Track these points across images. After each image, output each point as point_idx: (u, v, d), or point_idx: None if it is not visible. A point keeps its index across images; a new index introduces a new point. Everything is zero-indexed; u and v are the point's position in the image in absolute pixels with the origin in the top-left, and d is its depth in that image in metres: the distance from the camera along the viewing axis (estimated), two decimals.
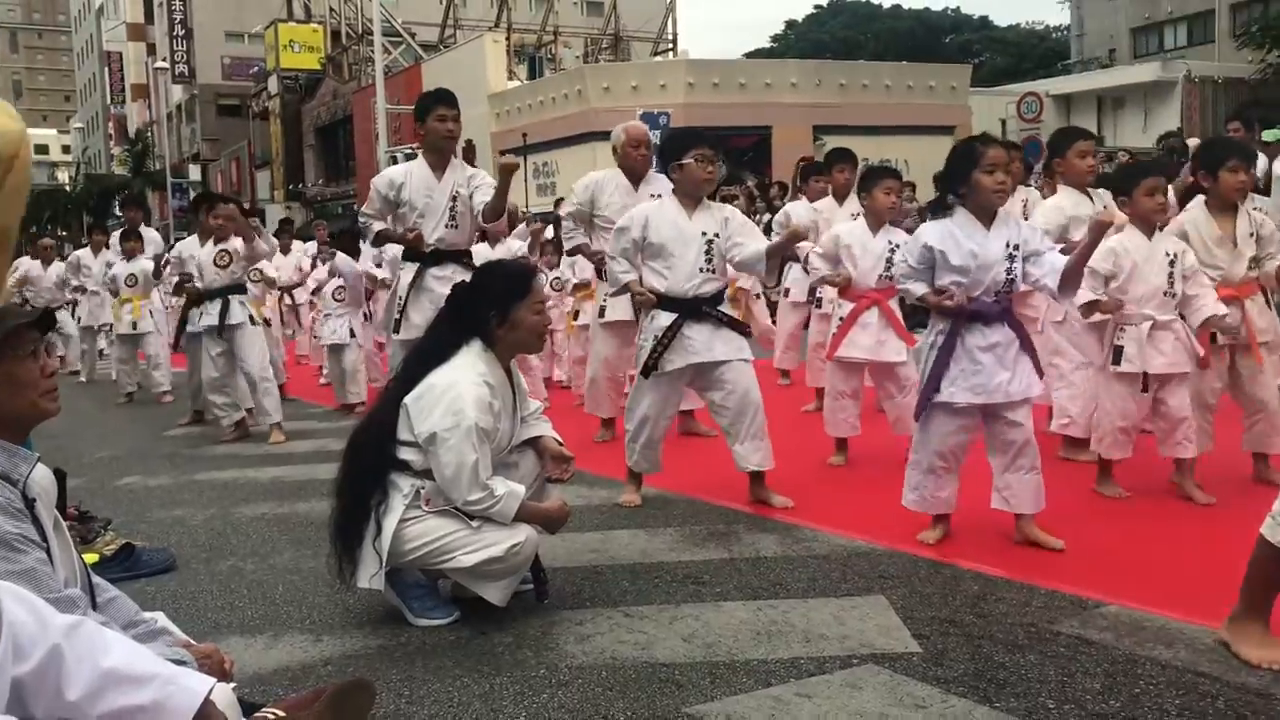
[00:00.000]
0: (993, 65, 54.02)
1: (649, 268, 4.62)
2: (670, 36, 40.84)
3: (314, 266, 11.59)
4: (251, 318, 7.24)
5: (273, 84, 43.69)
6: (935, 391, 3.83)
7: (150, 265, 9.62)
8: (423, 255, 5.53)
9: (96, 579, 2.50)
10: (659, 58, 37.87)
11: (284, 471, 6.08)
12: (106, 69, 68.96)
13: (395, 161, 24.72)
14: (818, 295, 7.09)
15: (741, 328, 4.74)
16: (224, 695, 2.24)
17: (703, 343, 4.52)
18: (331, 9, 42.54)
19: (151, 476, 6.12)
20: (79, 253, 12.05)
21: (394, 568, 3.27)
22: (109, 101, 68.49)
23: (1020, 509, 3.89)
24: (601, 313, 6.25)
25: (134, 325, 9.53)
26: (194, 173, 53.12)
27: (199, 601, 3.70)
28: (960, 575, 3.63)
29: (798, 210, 7.73)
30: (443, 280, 5.21)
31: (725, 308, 4.72)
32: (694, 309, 4.53)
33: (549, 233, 9.72)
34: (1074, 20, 45.96)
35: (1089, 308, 4.43)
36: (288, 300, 11.89)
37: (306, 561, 4.08)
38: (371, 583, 3.27)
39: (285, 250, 12.12)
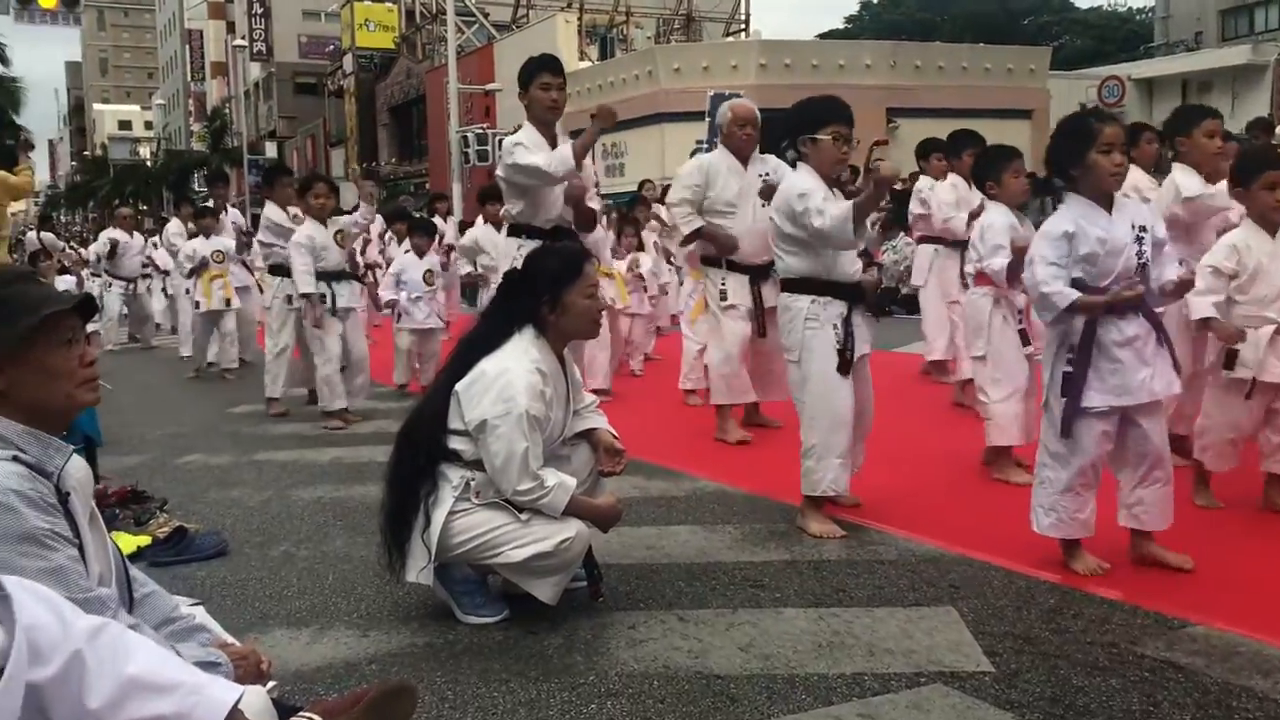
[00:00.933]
0: (1073, 48, 52.63)
1: (809, 251, 4.16)
2: (742, 17, 40.35)
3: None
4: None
5: (348, 63, 44.00)
6: (1079, 399, 3.41)
7: (231, 242, 9.68)
8: (543, 232, 5.33)
9: (134, 572, 2.43)
10: (730, 38, 37.46)
11: (343, 453, 6.04)
12: (187, 47, 70.14)
13: (466, 142, 24.80)
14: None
15: None
16: (256, 700, 2.16)
17: (864, 332, 4.18)
18: None
19: (213, 455, 6.11)
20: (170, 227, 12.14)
21: (443, 562, 3.18)
22: (189, 79, 69.65)
23: (1152, 526, 3.55)
24: (723, 296, 5.86)
25: (226, 302, 9.55)
26: (270, 150, 53.78)
27: (247, 589, 3.64)
28: (1035, 586, 3.43)
29: (940, 190, 7.06)
30: None
31: None
32: (858, 295, 4.19)
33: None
34: (1159, 2, 44.57)
35: (1203, 324, 4.10)
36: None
37: (359, 549, 4.01)
38: (420, 577, 3.18)
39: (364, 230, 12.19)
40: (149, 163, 67.23)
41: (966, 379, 6.22)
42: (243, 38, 52.43)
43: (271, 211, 7.68)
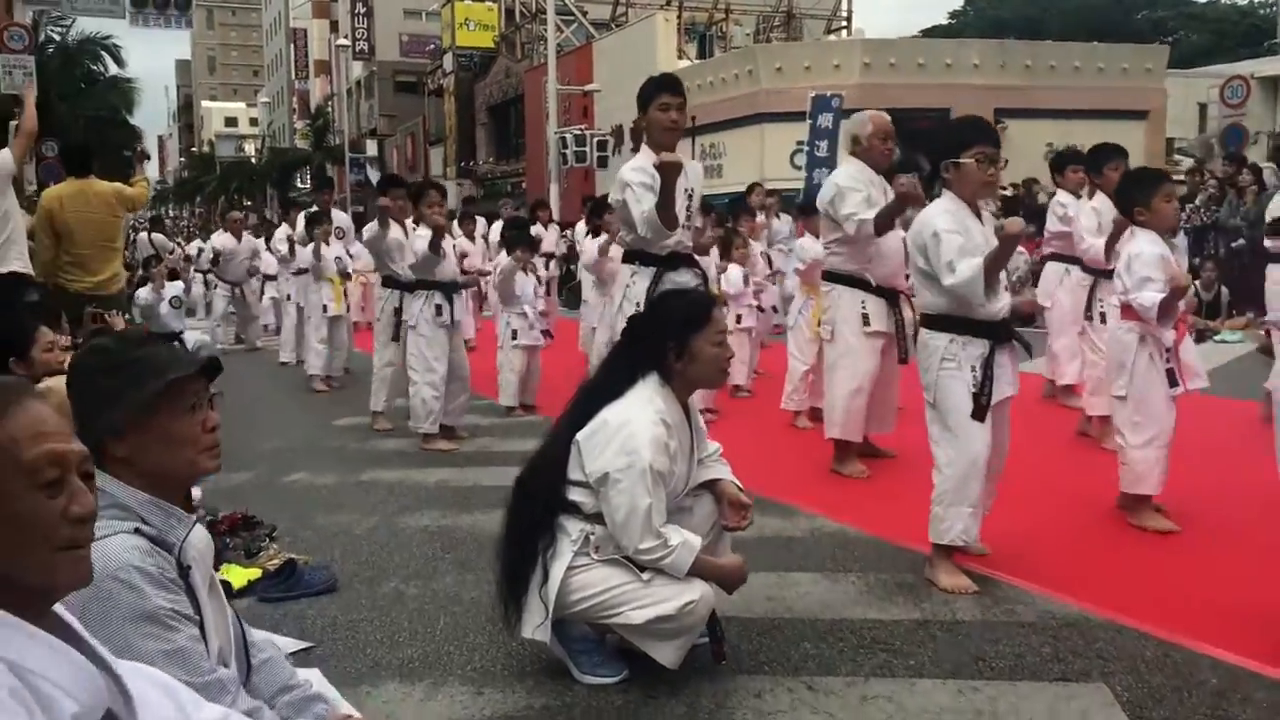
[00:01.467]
0: (1189, 43, 50.85)
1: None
2: (844, 14, 39.76)
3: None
4: None
5: (448, 62, 44.47)
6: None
7: (341, 252, 9.69)
8: (658, 259, 4.98)
9: (252, 636, 2.35)
10: (832, 36, 36.94)
11: (449, 474, 5.97)
12: (292, 45, 71.68)
13: (565, 143, 24.83)
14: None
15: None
16: None
17: (1009, 374, 3.93)
18: None
19: (318, 474, 6.10)
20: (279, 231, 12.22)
21: (559, 618, 3.05)
22: (294, 77, 71.17)
23: None
24: (865, 321, 5.54)
25: (347, 309, 9.63)
26: (371, 148, 54.70)
27: (358, 633, 3.56)
28: (1195, 662, 3.17)
29: (1083, 211, 6.57)
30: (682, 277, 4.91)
31: None
32: (1004, 334, 3.92)
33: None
34: None
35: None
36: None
37: (469, 589, 3.91)
38: (536, 634, 3.05)
39: (470, 235, 12.12)
40: (254, 160, 68.90)
41: (1100, 415, 5.91)
42: (345, 37, 53.40)
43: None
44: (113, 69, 33.37)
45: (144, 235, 16.92)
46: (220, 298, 13.22)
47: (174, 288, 10.75)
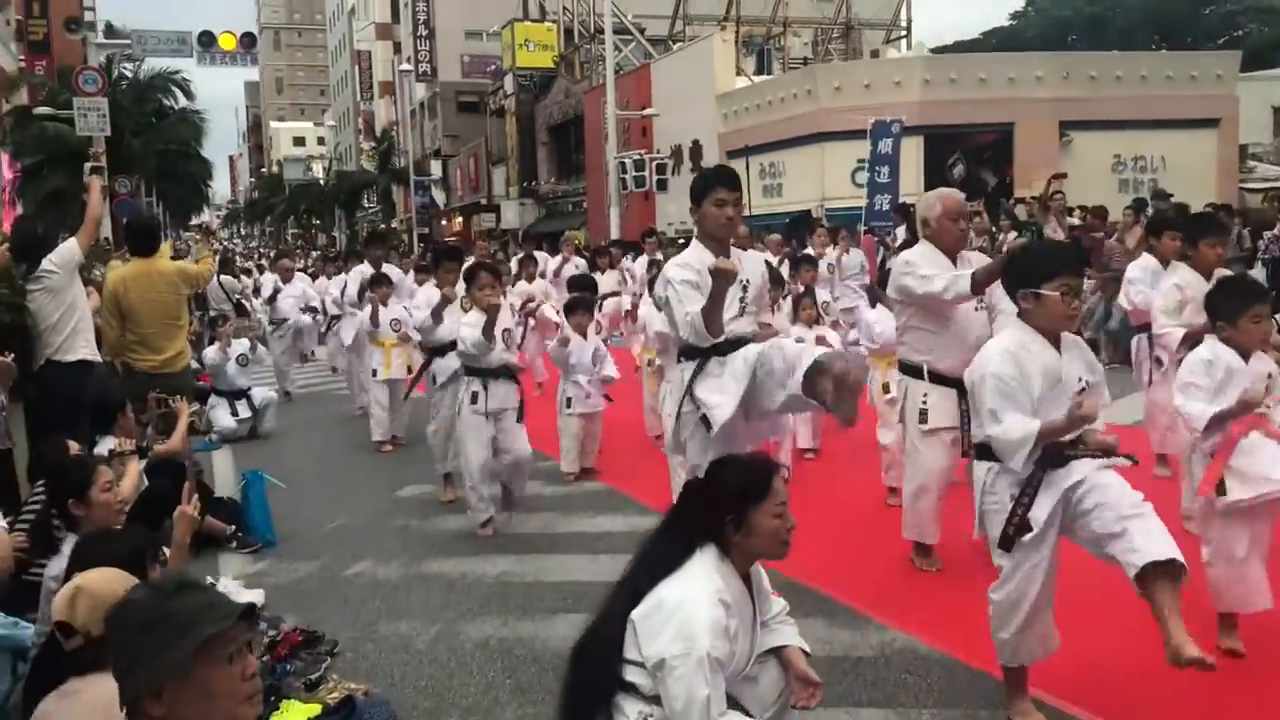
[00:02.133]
0: (1259, 38, 49.35)
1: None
2: (903, 23, 39.31)
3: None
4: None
5: (508, 83, 44.79)
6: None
7: (403, 312, 9.47)
8: (705, 351, 4.66)
9: None
10: (891, 46, 36.53)
11: (510, 566, 5.91)
12: (356, 67, 72.83)
13: (624, 168, 24.82)
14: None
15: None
16: None
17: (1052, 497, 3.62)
18: (565, 7, 43.19)
19: (382, 563, 6.08)
20: (331, 282, 12.29)
21: None
22: (359, 98, 72.31)
23: None
24: (923, 418, 5.32)
25: (407, 370, 9.26)
26: (435, 169, 55.34)
27: None
28: None
29: (1165, 288, 6.14)
30: (727, 363, 4.54)
31: None
32: (1058, 456, 3.60)
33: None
34: None
35: None
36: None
37: None
38: None
39: (531, 277, 12.22)
40: (321, 181, 70.03)
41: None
42: (408, 59, 54.07)
43: (433, 294, 7.58)
44: (182, 102, 34.13)
45: (214, 278, 17.13)
46: (276, 340, 13.32)
47: (240, 345, 10.87)
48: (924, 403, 5.29)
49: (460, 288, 7.14)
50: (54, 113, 24.37)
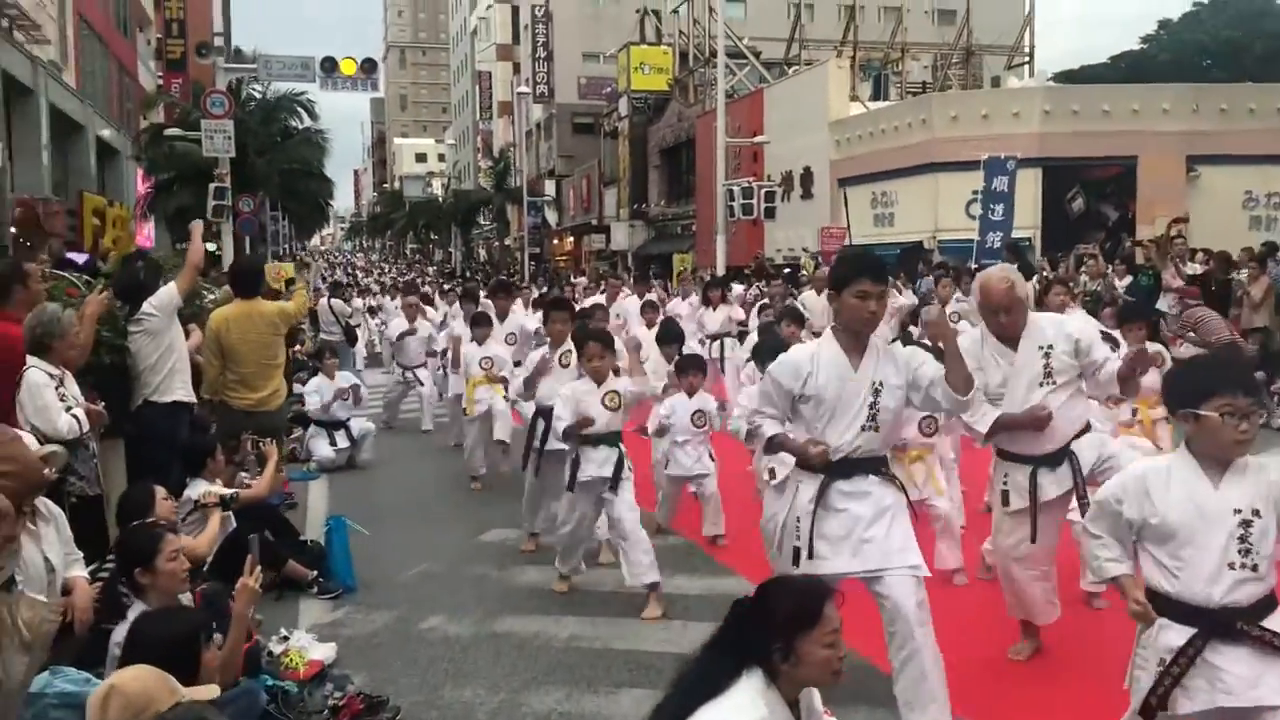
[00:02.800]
0: None
1: (1149, 555, 3.37)
2: (1026, 48, 38.36)
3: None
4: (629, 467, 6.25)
5: (623, 105, 45.16)
6: None
7: (505, 350, 9.43)
8: (828, 465, 4.23)
9: None
10: (1012, 73, 35.68)
11: (581, 629, 5.85)
12: (477, 87, 74.30)
13: (732, 195, 24.68)
14: None
15: None
16: None
17: (1243, 678, 3.18)
18: (681, 31, 43.37)
19: (454, 619, 6.08)
20: (454, 323, 12.21)
21: None
22: (478, 117, 73.76)
23: None
24: (1005, 499, 5.04)
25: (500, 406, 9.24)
26: (549, 188, 56.08)
27: None
28: None
29: None
30: (856, 497, 4.18)
31: None
32: (1223, 625, 3.22)
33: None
34: None
35: None
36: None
37: None
38: None
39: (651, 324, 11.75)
40: (440, 199, 71.64)
41: None
42: (527, 80, 54.95)
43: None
44: (307, 122, 35.18)
45: (324, 302, 17.57)
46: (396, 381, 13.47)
47: (344, 378, 11.09)
48: (1005, 483, 5.05)
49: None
50: (182, 134, 25.34)
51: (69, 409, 5.22)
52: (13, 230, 18.46)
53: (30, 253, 20.79)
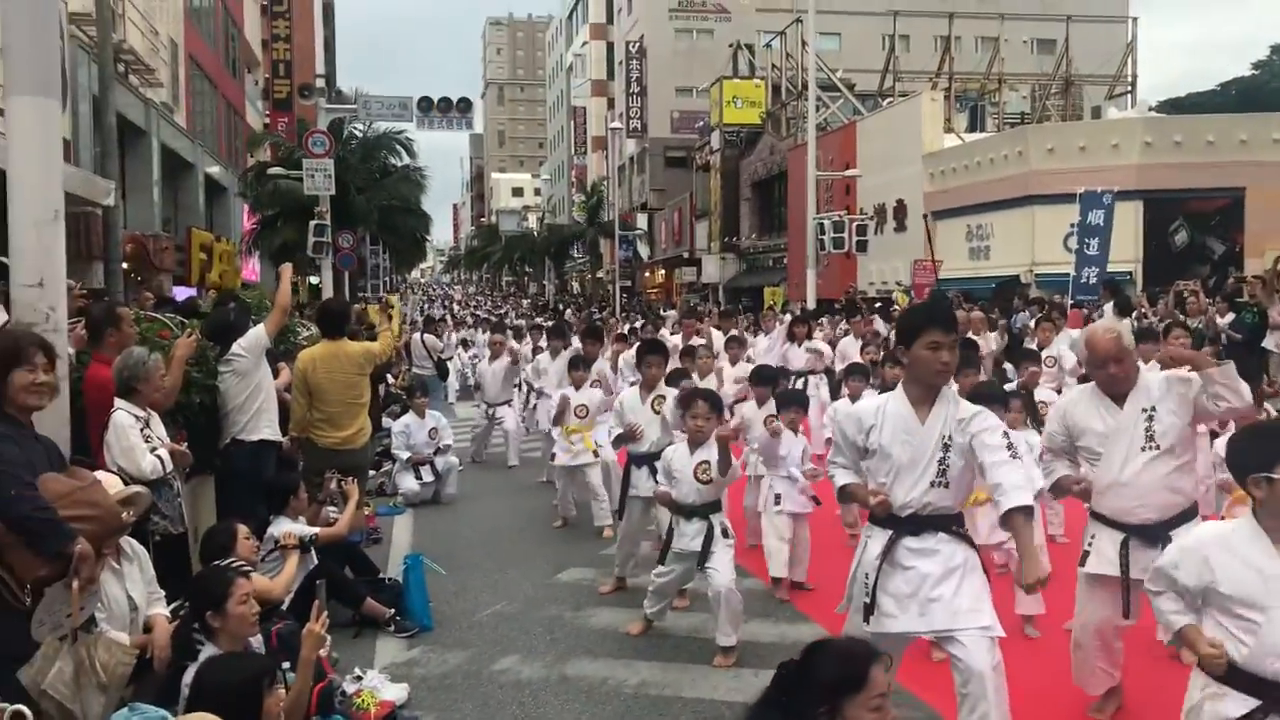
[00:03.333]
0: None
1: (1214, 619, 3.27)
2: (1129, 77, 37.55)
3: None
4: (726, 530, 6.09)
5: (715, 139, 45.31)
6: None
7: (598, 395, 9.50)
8: (896, 520, 4.13)
9: None
10: (1113, 103, 34.91)
11: (652, 673, 5.82)
12: (572, 122, 75.34)
13: (822, 229, 24.52)
14: None
15: None
16: None
17: None
18: (774, 64, 43.44)
19: (527, 660, 6.10)
20: (540, 358, 12.34)
21: None
22: (573, 152, 74.73)
23: None
24: (1082, 560, 4.88)
25: (595, 454, 9.26)
26: (641, 221, 56.45)
27: None
28: None
29: None
30: (923, 554, 4.06)
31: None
32: None
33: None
34: None
35: None
36: None
37: None
38: None
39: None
40: (535, 232, 72.70)
41: None
42: (620, 115, 55.51)
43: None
44: (405, 159, 35.99)
45: (417, 337, 17.91)
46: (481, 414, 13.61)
47: (433, 418, 11.27)
48: (1089, 544, 4.84)
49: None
50: (285, 172, 26.13)
51: (153, 449, 5.39)
52: (124, 265, 19.16)
53: (139, 286, 21.74)
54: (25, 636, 3.64)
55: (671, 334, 15.00)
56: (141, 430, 5.39)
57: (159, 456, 5.39)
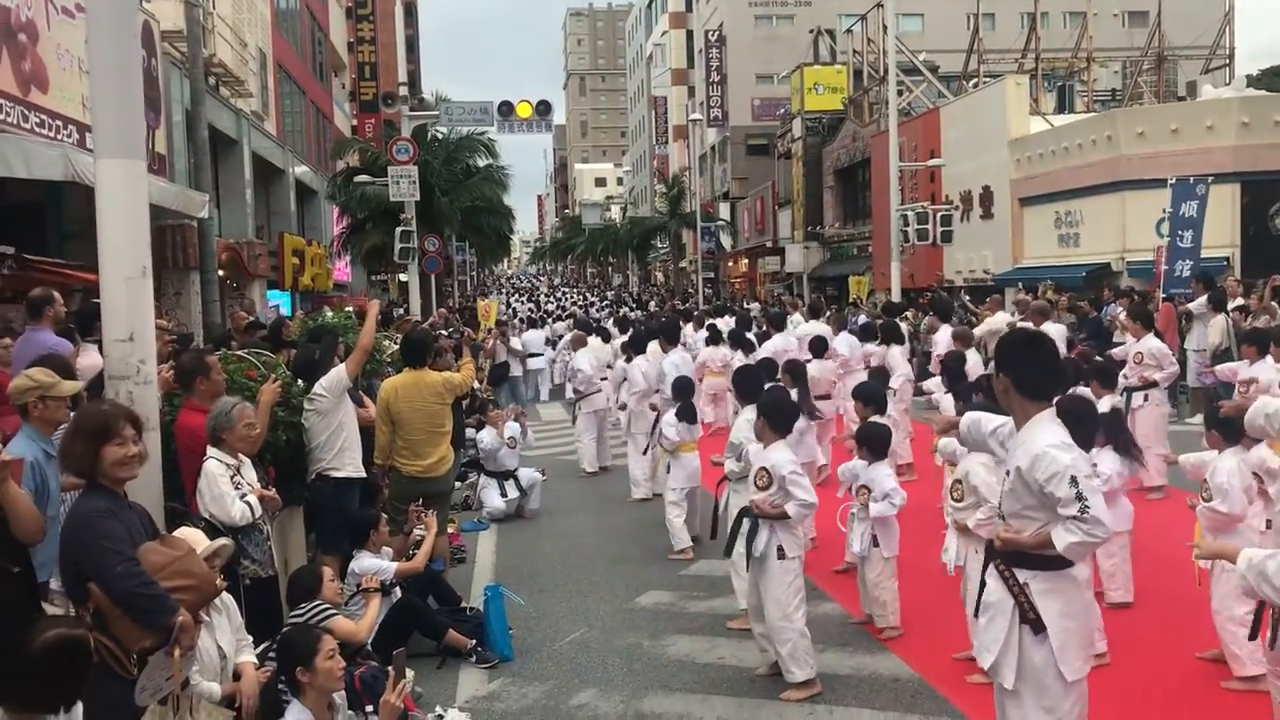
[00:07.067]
0: None
1: None
2: (1225, 50, 36.23)
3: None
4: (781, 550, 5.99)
5: (796, 126, 44.92)
6: None
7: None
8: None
9: None
10: (1209, 78, 33.72)
11: (728, 708, 5.88)
12: (653, 112, 75.35)
13: (906, 221, 24.18)
14: None
15: None
16: None
17: None
18: (855, 50, 42.88)
19: (605, 692, 6.20)
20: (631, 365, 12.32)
21: None
22: (654, 142, 74.76)
23: None
24: None
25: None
26: (723, 211, 56.27)
27: None
28: None
29: None
30: None
31: None
32: None
33: None
34: None
35: None
36: None
37: None
38: None
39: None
40: (617, 224, 73.07)
41: None
42: (701, 104, 55.38)
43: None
44: (487, 160, 36.41)
45: (497, 343, 18.20)
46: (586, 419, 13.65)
47: (511, 429, 11.46)
48: None
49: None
50: (371, 179, 26.63)
51: (243, 496, 5.60)
52: (220, 274, 19.81)
53: (235, 293, 22.40)
54: (130, 703, 3.85)
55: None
56: (232, 477, 5.60)
57: (248, 503, 5.59)
